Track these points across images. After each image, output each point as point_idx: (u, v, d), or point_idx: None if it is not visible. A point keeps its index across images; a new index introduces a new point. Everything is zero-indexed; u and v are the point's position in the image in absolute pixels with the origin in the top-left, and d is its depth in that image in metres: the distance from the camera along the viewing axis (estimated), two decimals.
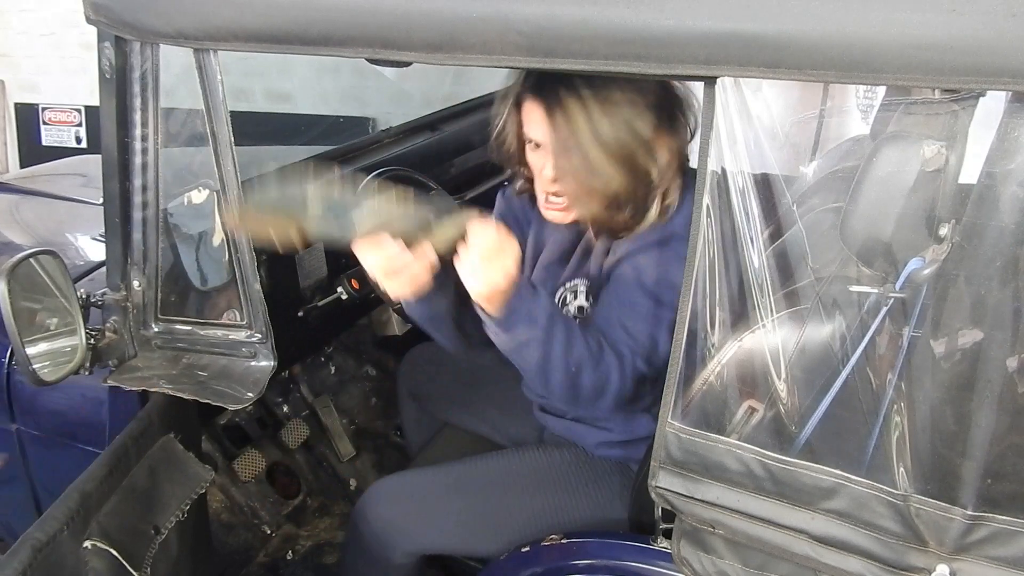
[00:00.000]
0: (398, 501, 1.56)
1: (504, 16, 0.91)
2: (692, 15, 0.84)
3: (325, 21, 1.01)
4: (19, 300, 1.24)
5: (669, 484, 1.07)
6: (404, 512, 1.55)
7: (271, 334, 1.28)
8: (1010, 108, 0.79)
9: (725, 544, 1.08)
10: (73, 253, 1.99)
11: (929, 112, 0.90)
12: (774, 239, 1.00)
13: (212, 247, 1.32)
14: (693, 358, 1.02)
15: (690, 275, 0.98)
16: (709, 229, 0.96)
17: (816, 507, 0.97)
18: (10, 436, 1.64)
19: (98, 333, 1.34)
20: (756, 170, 0.96)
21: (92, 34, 1.19)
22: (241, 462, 2.02)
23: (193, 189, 1.30)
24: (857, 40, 0.78)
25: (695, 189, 0.95)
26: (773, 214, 0.99)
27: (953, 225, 0.87)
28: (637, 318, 1.27)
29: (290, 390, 1.99)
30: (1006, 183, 0.80)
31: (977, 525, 0.89)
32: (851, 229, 0.99)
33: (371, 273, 1.17)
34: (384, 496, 1.58)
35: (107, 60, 1.20)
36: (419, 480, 1.60)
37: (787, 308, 1.00)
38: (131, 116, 1.24)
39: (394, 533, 1.54)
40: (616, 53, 0.89)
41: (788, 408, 1.00)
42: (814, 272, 1.03)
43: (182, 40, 1.12)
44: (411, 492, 1.57)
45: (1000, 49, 0.74)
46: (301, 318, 1.74)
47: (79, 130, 5.02)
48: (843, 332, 0.99)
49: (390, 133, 2.23)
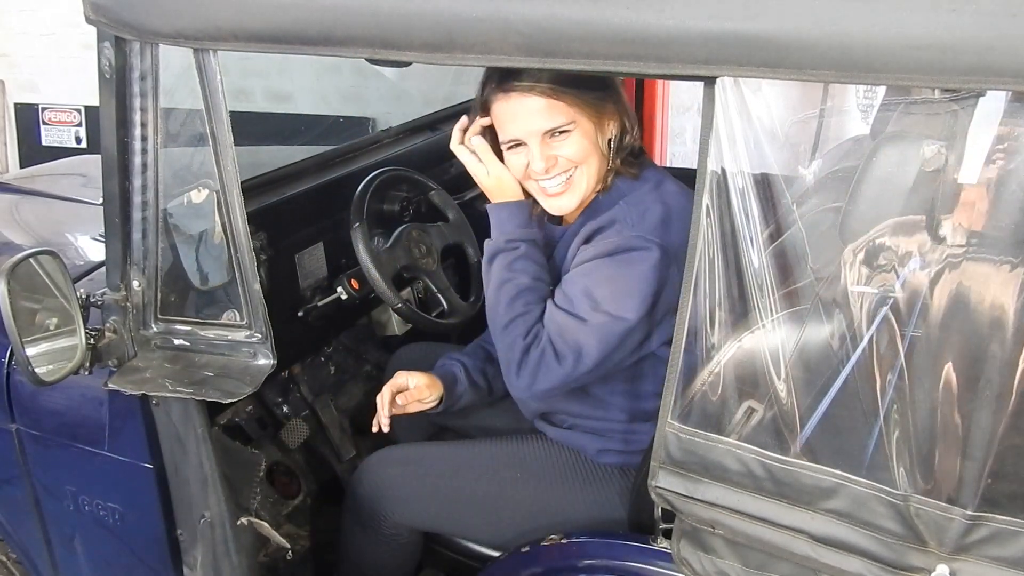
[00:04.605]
0: (395, 467, 1.60)
1: (504, 16, 0.91)
2: (692, 15, 0.84)
3: (325, 21, 1.01)
4: (19, 300, 1.24)
5: (669, 484, 1.07)
6: (399, 480, 1.58)
7: (271, 334, 1.28)
8: (1010, 108, 0.79)
9: (725, 544, 1.08)
10: (73, 253, 1.99)
11: (929, 112, 0.90)
12: (774, 239, 1.00)
13: (212, 247, 1.32)
14: (693, 358, 1.02)
15: (690, 275, 0.98)
16: (709, 229, 0.96)
17: (816, 507, 0.97)
18: (10, 436, 1.64)
19: (98, 333, 1.34)
20: (756, 170, 0.96)
21: (92, 34, 1.19)
22: None
23: (193, 189, 1.30)
24: (857, 40, 0.78)
25: (695, 190, 0.95)
26: (773, 214, 0.99)
27: (953, 225, 0.87)
28: (569, 317, 1.34)
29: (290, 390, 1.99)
30: (1006, 183, 0.80)
31: (977, 525, 0.89)
32: (851, 229, 0.99)
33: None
34: (383, 461, 1.62)
35: (107, 60, 1.20)
36: (420, 453, 1.64)
37: (787, 308, 1.00)
38: (131, 116, 1.24)
39: (386, 500, 1.57)
40: (616, 53, 0.89)
41: (788, 408, 1.00)
42: (814, 272, 1.03)
43: (182, 40, 1.12)
44: (410, 462, 1.61)
45: (1000, 49, 0.74)
46: (301, 318, 1.74)
47: (79, 130, 5.01)
48: (843, 332, 0.99)
49: (390, 133, 2.23)
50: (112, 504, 1.56)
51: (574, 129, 1.36)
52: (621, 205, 1.38)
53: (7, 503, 1.77)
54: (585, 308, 1.32)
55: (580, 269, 1.37)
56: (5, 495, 1.76)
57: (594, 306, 1.32)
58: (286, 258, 1.72)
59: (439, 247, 1.83)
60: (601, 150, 1.39)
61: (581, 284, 1.34)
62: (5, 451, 1.66)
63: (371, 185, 1.71)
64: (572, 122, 1.35)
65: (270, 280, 1.61)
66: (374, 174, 1.74)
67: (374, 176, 1.74)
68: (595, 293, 1.33)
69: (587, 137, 1.37)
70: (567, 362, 1.33)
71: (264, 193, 1.72)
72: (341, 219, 1.69)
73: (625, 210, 1.37)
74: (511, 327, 1.37)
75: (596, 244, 1.36)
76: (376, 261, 1.62)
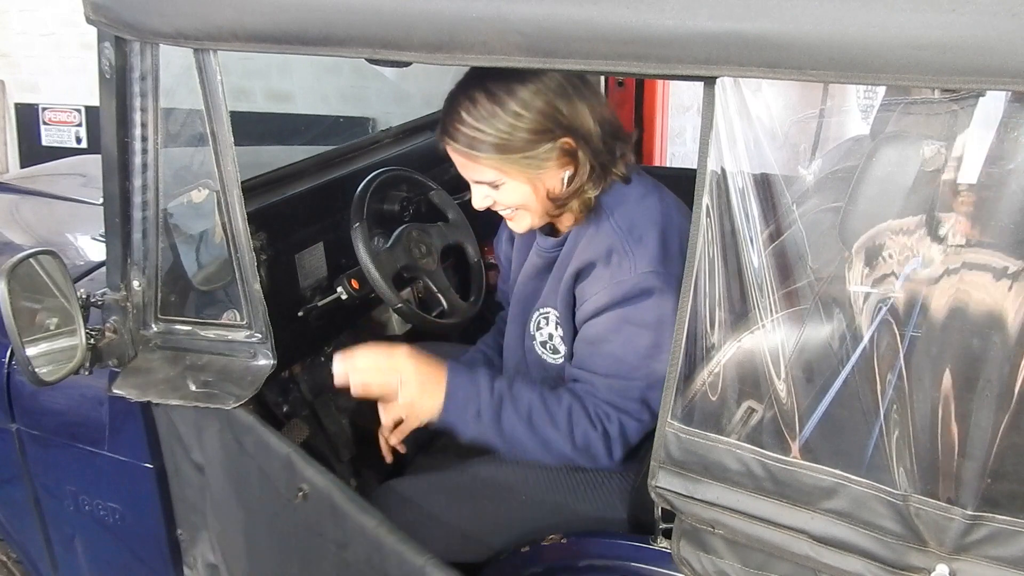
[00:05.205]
0: (397, 511, 1.53)
1: (504, 16, 0.91)
2: (692, 15, 0.84)
3: (325, 21, 1.01)
4: (19, 300, 1.24)
5: (669, 484, 1.07)
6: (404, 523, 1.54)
7: (271, 334, 1.28)
8: (1010, 108, 0.79)
9: (725, 544, 1.08)
10: (73, 253, 1.99)
11: (929, 112, 0.90)
12: (774, 239, 1.00)
13: (212, 247, 1.32)
14: (693, 358, 1.02)
15: (690, 275, 0.98)
16: (709, 229, 0.96)
17: (816, 507, 0.97)
18: (10, 436, 1.64)
19: (98, 333, 1.34)
20: (756, 170, 0.96)
21: (92, 34, 1.19)
22: None
23: (193, 189, 1.30)
24: (857, 40, 0.78)
25: (695, 190, 0.95)
26: (773, 214, 0.99)
27: (953, 225, 0.87)
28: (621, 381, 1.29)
29: (290, 390, 1.99)
30: (1006, 183, 0.80)
31: (977, 525, 0.89)
32: (851, 229, 0.99)
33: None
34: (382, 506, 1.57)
35: (107, 60, 1.20)
36: (418, 488, 1.58)
37: (786, 308, 1.00)
38: (131, 116, 1.24)
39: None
40: (616, 53, 0.89)
41: (788, 408, 1.00)
42: (814, 272, 1.03)
43: (182, 40, 1.12)
44: (410, 501, 1.56)
45: (1000, 49, 0.74)
46: (301, 318, 1.74)
47: (79, 130, 5.01)
48: (843, 332, 0.99)
49: (390, 133, 2.22)
50: (112, 504, 1.56)
51: (505, 182, 1.31)
52: (613, 227, 1.32)
53: (7, 503, 1.77)
54: (632, 364, 1.29)
55: (606, 326, 1.31)
56: (5, 495, 1.76)
57: (640, 360, 1.28)
58: (286, 258, 1.72)
59: (439, 247, 1.83)
60: (548, 193, 1.33)
61: (616, 341, 1.30)
62: (5, 451, 1.66)
63: (371, 185, 1.71)
64: (499, 177, 1.31)
65: (270, 280, 1.61)
66: (374, 174, 1.74)
67: (374, 176, 1.74)
68: (633, 347, 1.28)
69: (522, 188, 1.32)
70: (644, 415, 1.30)
71: (264, 193, 1.72)
72: (341, 219, 1.69)
73: (619, 235, 1.31)
74: (574, 431, 1.30)
75: (605, 286, 1.30)
76: (376, 261, 1.62)
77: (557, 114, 1.25)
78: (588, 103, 1.29)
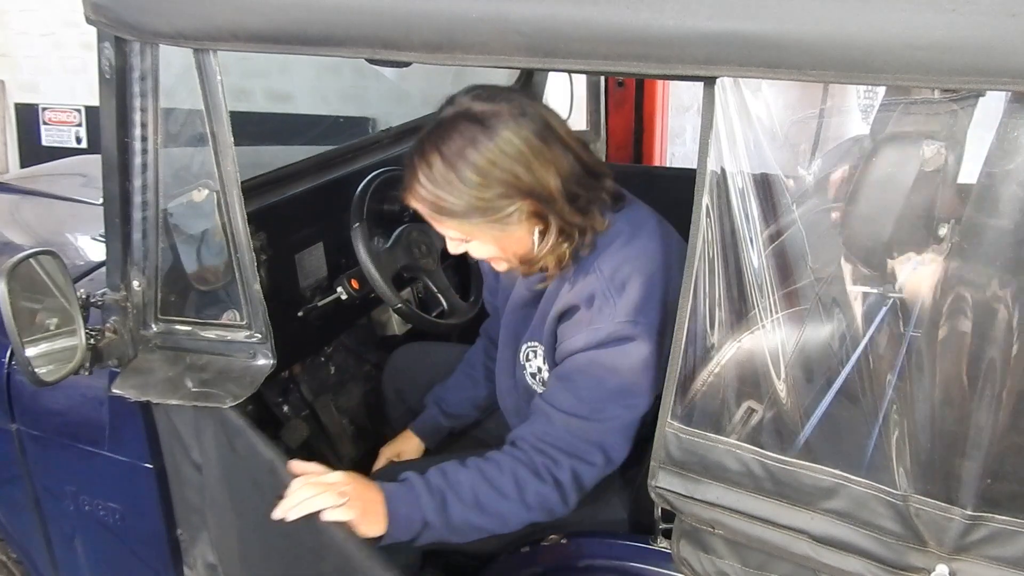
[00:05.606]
0: None
1: (504, 16, 0.91)
2: (692, 15, 0.84)
3: (325, 21, 1.01)
4: (19, 300, 1.24)
5: (669, 484, 1.07)
6: None
7: (271, 334, 1.28)
8: (1010, 108, 0.79)
9: (725, 544, 1.08)
10: (73, 253, 1.99)
11: (929, 112, 0.90)
12: (774, 239, 1.00)
13: (212, 247, 1.32)
14: (693, 358, 1.02)
15: (690, 275, 0.98)
16: (709, 229, 0.96)
17: (816, 507, 0.97)
18: (10, 436, 1.64)
19: (98, 333, 1.34)
20: (756, 170, 0.96)
21: (92, 34, 1.19)
22: None
23: (193, 189, 1.30)
24: (857, 40, 0.78)
25: (695, 190, 0.95)
26: (773, 214, 0.99)
27: (953, 225, 0.87)
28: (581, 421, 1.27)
29: (290, 390, 1.99)
30: (1006, 183, 0.80)
31: (976, 525, 0.89)
32: (851, 229, 0.99)
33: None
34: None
35: (107, 60, 1.20)
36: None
37: (787, 308, 1.00)
38: (131, 116, 1.24)
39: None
40: (616, 53, 0.89)
41: (788, 408, 1.00)
42: (814, 272, 1.03)
43: (182, 40, 1.12)
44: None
45: (1000, 49, 0.74)
46: (301, 318, 1.74)
47: (79, 130, 5.02)
48: (843, 332, 0.99)
49: (390, 133, 2.23)
50: (112, 504, 1.56)
51: (472, 239, 1.31)
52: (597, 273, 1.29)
53: (7, 503, 1.77)
54: (594, 406, 1.27)
55: (577, 365, 1.28)
56: (5, 495, 1.76)
57: (603, 403, 1.26)
58: (286, 258, 1.72)
59: (439, 247, 1.83)
60: (517, 250, 1.31)
61: (583, 382, 1.27)
62: (5, 451, 1.66)
63: (371, 185, 1.71)
64: (465, 236, 1.30)
65: (270, 280, 1.61)
66: (374, 174, 1.74)
67: (374, 176, 1.74)
68: (599, 389, 1.26)
69: (488, 247, 1.31)
70: (597, 459, 1.27)
71: (264, 193, 1.72)
72: (341, 219, 1.70)
73: (602, 281, 1.27)
74: (525, 494, 1.26)
75: (583, 330, 1.28)
76: (376, 261, 1.63)
77: (515, 180, 1.21)
78: (552, 160, 1.23)
